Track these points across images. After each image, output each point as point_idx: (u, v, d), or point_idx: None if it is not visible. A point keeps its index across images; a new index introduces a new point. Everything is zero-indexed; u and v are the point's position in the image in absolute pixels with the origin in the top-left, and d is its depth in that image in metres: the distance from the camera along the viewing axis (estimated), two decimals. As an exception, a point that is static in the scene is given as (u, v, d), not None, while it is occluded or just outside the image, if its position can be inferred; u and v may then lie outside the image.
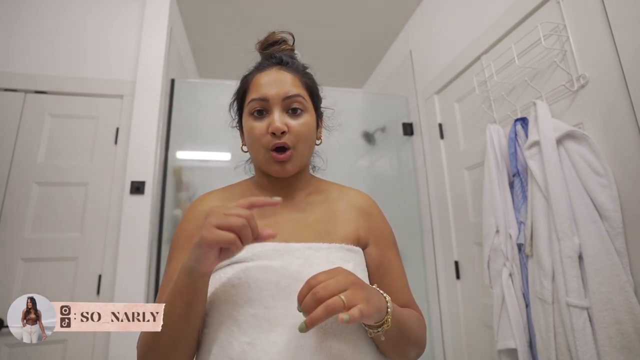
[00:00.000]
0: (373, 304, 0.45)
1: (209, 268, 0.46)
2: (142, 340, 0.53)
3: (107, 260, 1.45)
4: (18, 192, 1.44)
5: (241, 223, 0.42)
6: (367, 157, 2.16)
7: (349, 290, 0.44)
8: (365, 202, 0.67)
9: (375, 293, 0.48)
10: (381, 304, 0.48)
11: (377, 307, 0.46)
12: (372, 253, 0.62)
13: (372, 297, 0.46)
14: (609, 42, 0.93)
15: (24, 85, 1.54)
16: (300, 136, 0.59)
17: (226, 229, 0.42)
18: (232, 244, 0.42)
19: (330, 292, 0.42)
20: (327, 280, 0.44)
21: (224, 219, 0.43)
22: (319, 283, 0.43)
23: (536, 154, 1.02)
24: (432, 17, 1.85)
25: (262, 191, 0.66)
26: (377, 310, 0.46)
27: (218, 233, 0.42)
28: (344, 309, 0.41)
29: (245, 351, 0.48)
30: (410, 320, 0.56)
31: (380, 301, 0.48)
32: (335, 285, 0.43)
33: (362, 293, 0.44)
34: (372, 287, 0.50)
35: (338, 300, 0.42)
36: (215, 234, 0.42)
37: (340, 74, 2.69)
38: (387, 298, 0.50)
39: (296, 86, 0.61)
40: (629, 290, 0.83)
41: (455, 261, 1.61)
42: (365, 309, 0.42)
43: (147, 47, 1.65)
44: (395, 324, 0.50)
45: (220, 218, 0.43)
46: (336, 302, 0.41)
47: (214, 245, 0.43)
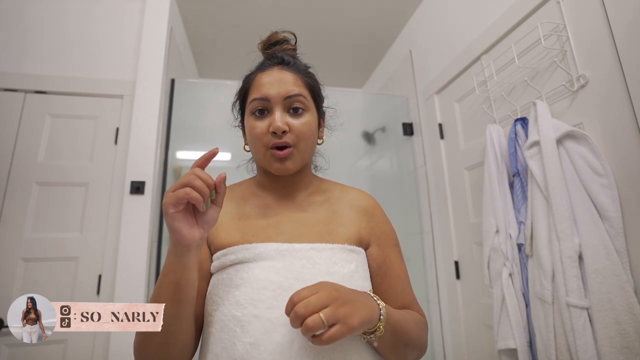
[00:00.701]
0: (357, 317, 0.44)
1: (188, 237, 0.47)
2: (135, 339, 0.53)
3: (107, 260, 1.45)
4: (18, 192, 1.44)
5: (189, 177, 0.45)
6: (367, 157, 2.16)
7: (330, 307, 0.43)
8: (367, 202, 0.67)
9: (363, 303, 0.47)
10: (371, 314, 0.47)
11: (362, 319, 0.45)
12: (374, 253, 0.62)
13: (357, 309, 0.45)
14: (609, 42, 0.93)
15: (24, 85, 1.54)
16: (301, 135, 0.59)
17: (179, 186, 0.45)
18: (187, 196, 0.44)
19: (311, 310, 0.42)
20: (309, 297, 0.43)
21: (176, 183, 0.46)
22: (300, 300, 0.43)
23: (536, 154, 1.02)
24: (432, 17, 1.85)
25: (264, 190, 0.66)
26: (361, 323, 0.45)
27: (173, 193, 0.45)
28: (323, 327, 0.42)
29: (248, 352, 0.49)
30: (408, 324, 0.56)
31: (369, 311, 0.47)
32: (315, 303, 0.42)
33: (343, 309, 0.44)
34: (362, 296, 0.49)
35: (317, 320, 0.41)
36: (171, 195, 0.45)
37: (340, 74, 2.69)
38: (381, 305, 0.50)
39: (298, 86, 0.61)
40: (629, 290, 0.83)
41: (455, 261, 1.61)
42: (339, 331, 0.42)
43: (147, 47, 1.65)
44: (390, 330, 0.50)
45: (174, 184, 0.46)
46: (315, 321, 0.41)
47: (173, 203, 0.45)
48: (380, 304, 0.50)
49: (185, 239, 0.46)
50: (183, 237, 0.46)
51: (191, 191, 0.45)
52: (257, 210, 0.63)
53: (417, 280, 1.81)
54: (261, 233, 0.59)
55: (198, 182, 0.45)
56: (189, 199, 0.45)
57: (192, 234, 0.47)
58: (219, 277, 0.56)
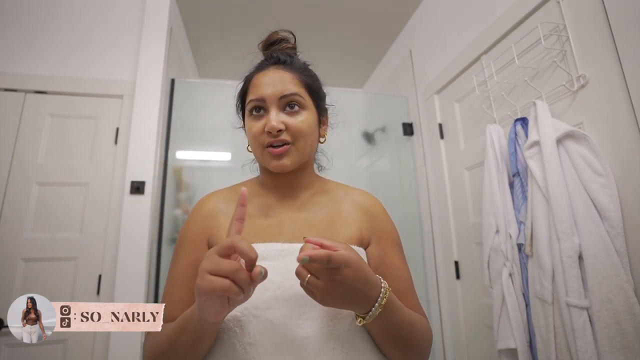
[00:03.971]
0: (334, 304, 0.47)
1: (216, 318, 0.43)
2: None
3: (107, 260, 1.45)
4: (18, 192, 1.44)
5: (233, 267, 0.40)
6: (367, 157, 2.16)
7: (323, 281, 0.44)
8: (369, 202, 0.67)
9: (355, 297, 0.47)
10: (356, 307, 0.48)
11: (339, 307, 0.48)
12: (373, 252, 0.62)
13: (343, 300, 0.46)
14: (609, 42, 0.93)
15: (24, 85, 1.54)
16: (298, 133, 0.59)
17: (219, 274, 0.40)
18: (227, 292, 0.39)
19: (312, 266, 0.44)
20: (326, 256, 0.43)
21: (216, 264, 0.40)
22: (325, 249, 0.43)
23: (536, 154, 1.02)
24: (432, 17, 1.85)
25: (267, 190, 0.66)
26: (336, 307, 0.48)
27: (212, 280, 0.40)
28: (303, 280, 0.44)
29: (247, 352, 0.49)
30: (412, 319, 0.55)
31: (355, 304, 0.47)
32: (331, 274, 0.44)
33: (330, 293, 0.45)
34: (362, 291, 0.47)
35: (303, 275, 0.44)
36: (209, 282, 0.40)
37: (340, 73, 2.69)
38: (383, 291, 0.49)
39: (294, 84, 0.61)
40: (629, 290, 0.83)
41: (455, 261, 1.61)
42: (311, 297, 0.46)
43: (147, 47, 1.65)
44: (387, 315, 0.49)
45: (213, 263, 0.41)
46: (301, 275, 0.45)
47: (209, 293, 0.40)
48: (384, 287, 0.49)
49: (213, 319, 0.43)
50: (210, 317, 0.43)
51: (232, 287, 0.39)
52: (260, 210, 0.63)
53: (417, 280, 1.80)
54: (263, 233, 0.59)
55: (242, 274, 0.40)
56: (227, 294, 0.40)
57: (220, 314, 0.43)
58: None
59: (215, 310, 0.42)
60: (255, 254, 0.41)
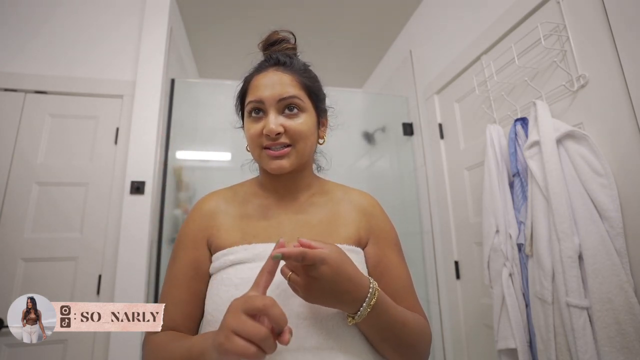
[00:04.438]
0: (316, 301, 0.48)
1: None
2: None
3: (107, 260, 1.45)
4: (18, 192, 1.44)
5: (263, 335, 0.38)
6: (367, 157, 2.16)
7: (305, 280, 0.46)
8: (368, 202, 0.67)
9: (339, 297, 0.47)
10: (341, 306, 0.49)
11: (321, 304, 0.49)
12: (370, 252, 0.62)
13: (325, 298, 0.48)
14: (609, 42, 0.93)
15: (24, 85, 1.54)
16: (297, 136, 0.59)
17: (246, 339, 0.39)
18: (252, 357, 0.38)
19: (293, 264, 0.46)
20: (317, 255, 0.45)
21: (244, 326, 0.39)
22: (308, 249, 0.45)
23: (536, 154, 1.02)
24: (432, 17, 1.85)
25: (266, 191, 0.66)
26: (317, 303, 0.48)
27: (238, 344, 0.38)
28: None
29: None
30: (406, 319, 0.54)
31: (339, 303, 0.48)
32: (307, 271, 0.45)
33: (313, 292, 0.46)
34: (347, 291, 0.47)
35: (285, 271, 0.47)
36: (235, 345, 0.38)
37: (340, 74, 2.69)
38: (371, 291, 0.49)
39: (293, 87, 0.60)
40: (629, 290, 0.83)
41: (455, 261, 1.61)
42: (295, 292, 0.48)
43: (147, 47, 1.65)
44: (378, 314, 0.49)
45: (240, 323, 0.39)
46: (283, 272, 0.48)
47: (232, 356, 0.39)
48: (372, 288, 0.49)
49: None
50: None
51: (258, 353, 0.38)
52: (259, 210, 0.63)
53: (417, 280, 1.81)
54: (262, 233, 0.59)
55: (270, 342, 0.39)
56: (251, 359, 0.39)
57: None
58: (219, 277, 0.56)
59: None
60: (285, 322, 0.40)
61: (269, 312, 0.39)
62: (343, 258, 0.47)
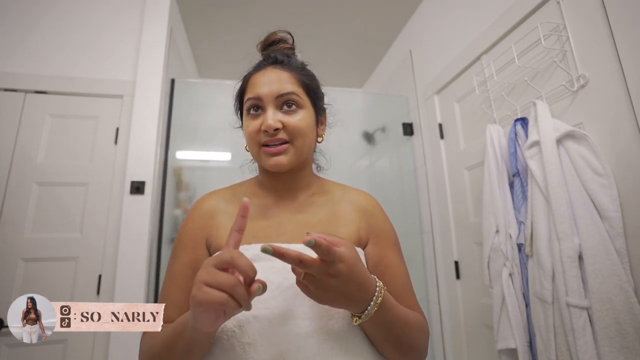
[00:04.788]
0: (327, 302, 0.47)
1: (210, 328, 0.43)
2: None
3: (107, 260, 1.45)
4: (18, 192, 1.44)
5: (232, 282, 0.39)
6: (367, 157, 2.16)
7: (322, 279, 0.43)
8: (367, 201, 0.67)
9: (350, 297, 0.47)
10: (350, 306, 0.48)
11: (333, 305, 0.48)
12: (371, 252, 0.62)
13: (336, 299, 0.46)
14: (609, 42, 0.93)
15: (24, 85, 1.54)
16: (296, 132, 0.59)
17: (216, 288, 0.39)
18: (224, 306, 0.39)
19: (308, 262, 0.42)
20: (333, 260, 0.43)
21: (214, 277, 0.40)
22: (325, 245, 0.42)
23: (536, 154, 1.02)
24: (432, 17, 1.85)
25: (265, 190, 0.66)
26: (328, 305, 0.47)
27: (208, 292, 0.39)
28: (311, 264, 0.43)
29: (246, 352, 0.48)
30: (408, 318, 0.55)
31: (350, 304, 0.47)
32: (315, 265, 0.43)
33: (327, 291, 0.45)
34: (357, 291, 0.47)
35: (308, 259, 0.42)
36: (206, 294, 0.39)
37: (340, 74, 2.69)
38: (378, 290, 0.49)
39: (291, 84, 0.61)
40: (629, 290, 0.83)
41: (455, 261, 1.61)
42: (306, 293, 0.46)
43: (147, 47, 1.65)
44: (383, 313, 0.49)
45: (210, 275, 0.40)
46: (297, 272, 0.44)
47: (205, 305, 0.39)
48: (379, 288, 0.49)
49: (207, 329, 0.43)
50: (204, 327, 0.42)
51: (229, 301, 0.39)
52: (258, 210, 0.63)
53: (417, 280, 1.81)
54: (261, 234, 0.59)
55: (240, 289, 0.39)
56: (225, 308, 0.40)
57: (215, 325, 0.43)
58: None
59: (210, 321, 0.42)
60: (254, 271, 0.41)
61: (236, 263, 0.40)
62: (357, 255, 0.47)
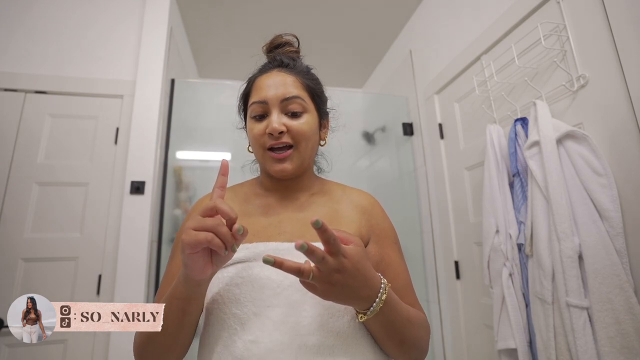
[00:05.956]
0: (335, 299, 0.46)
1: (200, 275, 0.45)
2: (137, 341, 0.54)
3: (107, 260, 1.45)
4: (18, 192, 1.44)
5: (215, 222, 0.43)
6: (367, 157, 2.16)
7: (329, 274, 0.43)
8: (367, 201, 0.67)
9: (357, 293, 0.47)
10: (357, 303, 0.48)
11: (339, 302, 0.47)
12: (372, 251, 0.62)
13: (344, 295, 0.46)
14: (609, 42, 0.93)
15: (24, 85, 1.54)
16: (300, 136, 0.60)
17: (202, 230, 0.43)
18: (210, 243, 0.42)
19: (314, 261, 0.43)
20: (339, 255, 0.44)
21: (199, 221, 0.43)
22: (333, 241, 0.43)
23: (536, 154, 1.02)
24: (432, 17, 1.85)
25: (266, 191, 0.66)
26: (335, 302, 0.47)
27: (195, 234, 0.42)
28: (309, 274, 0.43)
29: (248, 349, 0.49)
30: (410, 315, 0.55)
31: (356, 300, 0.48)
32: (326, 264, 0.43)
33: (335, 287, 0.45)
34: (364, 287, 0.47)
35: (307, 270, 0.43)
36: (193, 235, 0.42)
37: (340, 74, 2.69)
38: (383, 287, 0.49)
39: (296, 87, 0.61)
40: (629, 290, 0.83)
41: (455, 261, 1.61)
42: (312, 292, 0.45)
43: (147, 47, 1.65)
44: (387, 310, 0.49)
45: (196, 221, 0.43)
46: (305, 270, 0.43)
47: (193, 246, 0.42)
48: (383, 286, 0.49)
49: (197, 276, 0.45)
50: (195, 274, 0.45)
51: (214, 239, 0.42)
52: (259, 210, 0.63)
53: (417, 280, 1.81)
54: (262, 232, 0.59)
55: (223, 229, 0.43)
56: (210, 246, 0.43)
57: (205, 272, 0.45)
58: (220, 275, 0.56)
59: (199, 266, 0.44)
60: (235, 214, 0.44)
61: (219, 207, 0.43)
62: (362, 252, 0.47)
